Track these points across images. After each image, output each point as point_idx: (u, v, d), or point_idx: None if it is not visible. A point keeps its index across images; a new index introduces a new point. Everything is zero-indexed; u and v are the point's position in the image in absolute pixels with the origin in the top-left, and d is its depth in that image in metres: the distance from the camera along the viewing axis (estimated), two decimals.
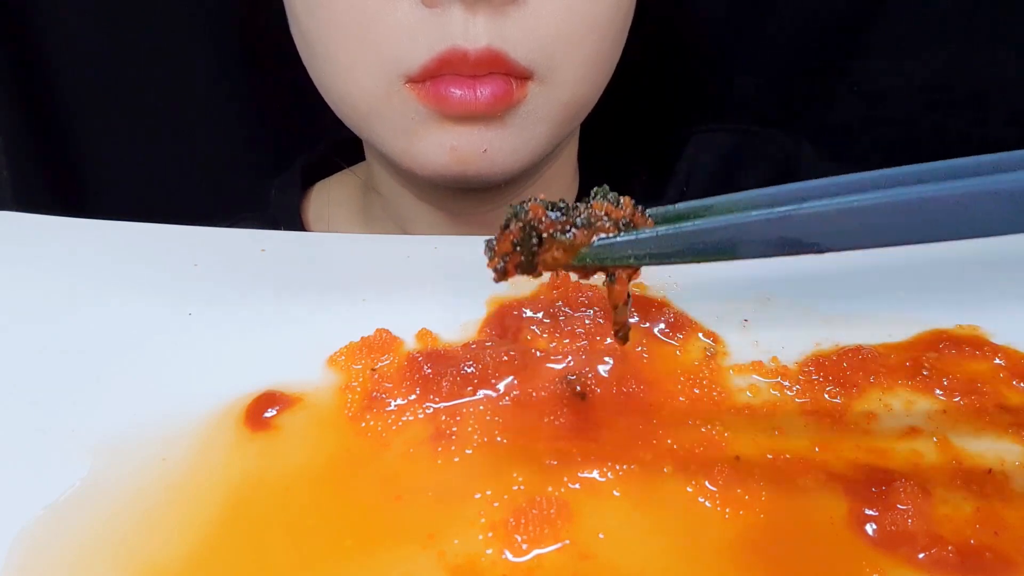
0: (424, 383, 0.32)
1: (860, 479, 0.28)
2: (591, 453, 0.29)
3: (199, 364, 0.33)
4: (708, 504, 0.28)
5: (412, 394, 0.31)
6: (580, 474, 0.29)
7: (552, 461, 0.29)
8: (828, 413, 0.31)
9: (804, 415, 0.31)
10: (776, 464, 0.29)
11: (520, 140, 0.40)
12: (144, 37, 0.58)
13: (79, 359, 0.33)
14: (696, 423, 0.30)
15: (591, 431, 0.30)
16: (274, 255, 0.38)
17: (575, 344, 0.33)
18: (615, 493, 0.28)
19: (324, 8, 0.39)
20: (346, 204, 0.54)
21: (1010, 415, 0.31)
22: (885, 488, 0.28)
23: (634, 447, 0.29)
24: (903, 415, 0.31)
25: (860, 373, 0.32)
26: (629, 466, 0.29)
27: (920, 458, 0.29)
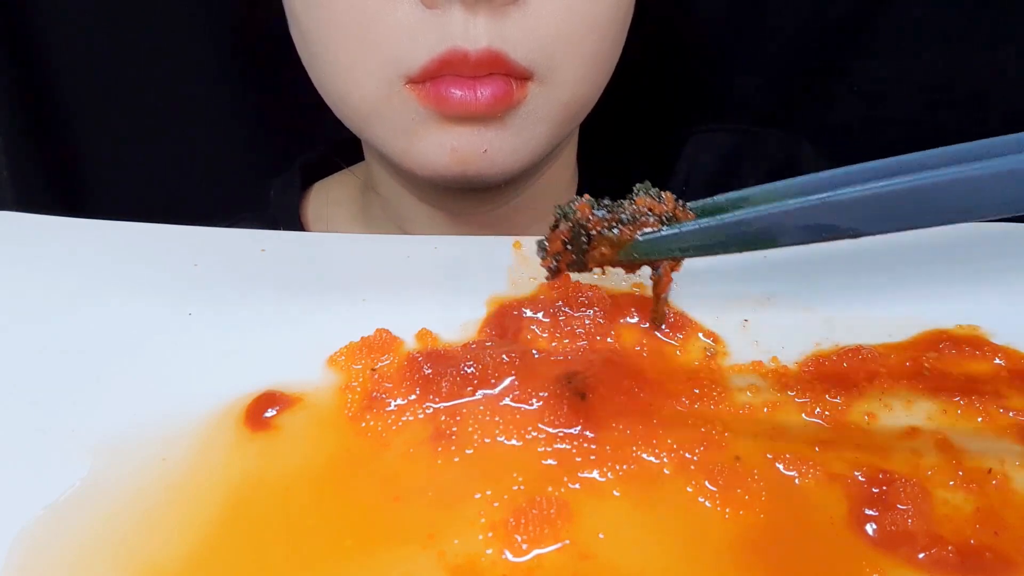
0: (424, 383, 0.32)
1: (860, 479, 0.28)
2: (591, 453, 0.29)
3: (199, 364, 0.33)
4: (708, 504, 0.28)
5: (412, 394, 0.31)
6: (580, 474, 0.29)
7: (552, 461, 0.29)
8: (828, 413, 0.31)
9: (804, 415, 0.31)
10: (776, 464, 0.29)
11: (520, 140, 0.40)
12: (144, 37, 0.58)
13: (79, 359, 0.33)
14: (696, 423, 0.30)
15: (591, 431, 0.30)
16: (274, 255, 0.38)
17: (575, 344, 0.33)
18: (615, 493, 0.28)
19: (324, 9, 0.39)
20: (346, 204, 0.54)
21: (1010, 415, 0.31)
22: (885, 488, 0.28)
23: (634, 447, 0.29)
24: (903, 415, 0.31)
25: (860, 373, 0.32)
26: (629, 466, 0.29)
27: (920, 458, 0.29)
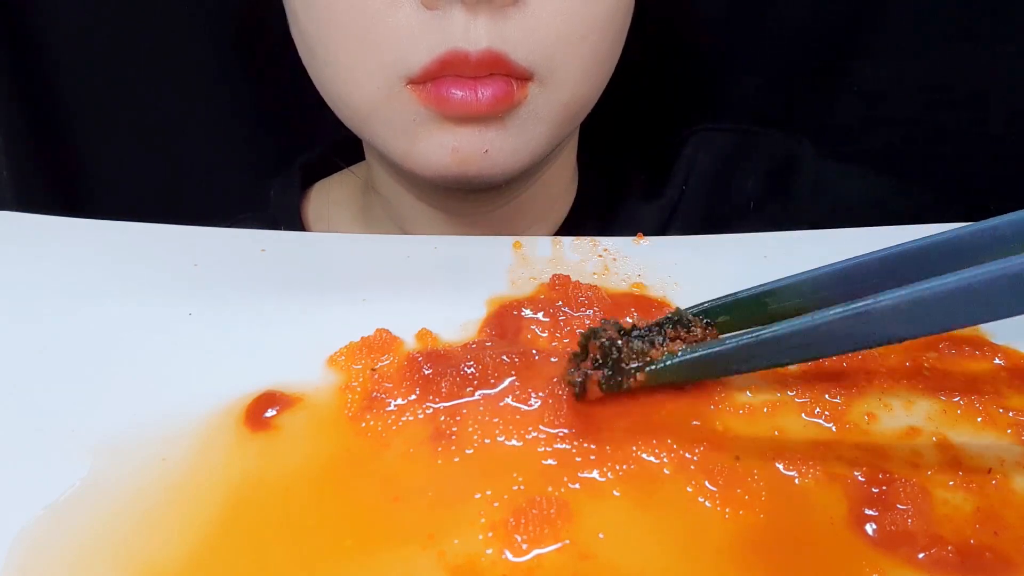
0: (424, 383, 0.32)
1: (860, 479, 0.28)
2: (591, 453, 0.29)
3: (199, 364, 0.33)
4: (708, 504, 0.28)
5: (412, 394, 0.31)
6: (580, 474, 0.29)
7: (552, 461, 0.29)
8: (828, 413, 0.31)
9: (804, 415, 0.31)
10: (776, 464, 0.29)
11: (520, 140, 0.40)
12: (144, 37, 0.58)
13: (79, 359, 0.33)
14: (696, 423, 0.30)
15: (591, 431, 0.30)
16: (274, 255, 0.38)
17: (575, 344, 0.33)
18: (615, 493, 0.28)
19: (324, 9, 0.39)
20: (346, 204, 0.54)
21: (1010, 415, 0.31)
22: (885, 488, 0.28)
23: (634, 447, 0.29)
24: (903, 415, 0.31)
25: (860, 373, 0.32)
26: (629, 466, 0.29)
27: (920, 458, 0.29)
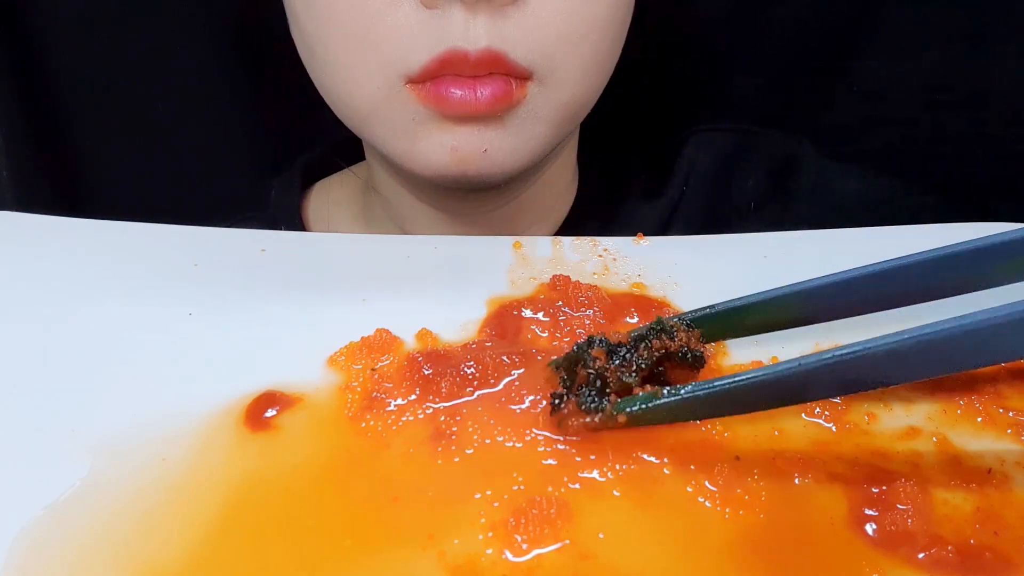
0: (424, 383, 0.32)
1: (860, 479, 0.28)
2: (591, 453, 0.29)
3: (199, 364, 0.33)
4: (708, 504, 0.28)
5: (412, 394, 0.31)
6: (580, 474, 0.29)
7: (552, 461, 0.29)
8: (828, 413, 0.31)
9: (804, 415, 0.31)
10: (776, 464, 0.29)
11: (520, 140, 0.40)
12: (144, 37, 0.58)
13: (79, 359, 0.33)
14: (696, 423, 0.30)
15: (592, 431, 0.30)
16: (274, 255, 0.38)
17: (575, 344, 0.33)
18: (615, 493, 0.28)
19: (324, 9, 0.39)
20: (346, 204, 0.54)
21: (1010, 415, 0.31)
22: (885, 488, 0.28)
23: (634, 447, 0.29)
24: (903, 415, 0.31)
25: None
26: (629, 466, 0.29)
27: (920, 458, 0.29)
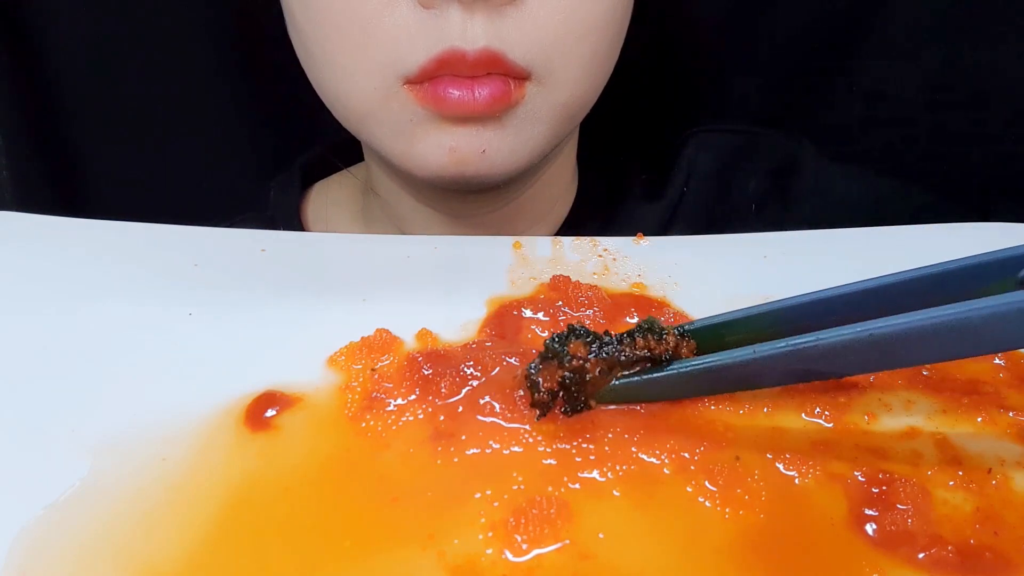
0: (424, 383, 0.32)
1: (860, 479, 0.28)
2: (591, 453, 0.29)
3: (199, 364, 0.33)
4: (708, 504, 0.28)
5: (412, 394, 0.31)
6: (580, 474, 0.29)
7: (552, 461, 0.29)
8: (828, 413, 0.31)
9: (804, 415, 0.31)
10: (776, 464, 0.29)
11: (518, 141, 0.40)
12: (144, 37, 0.58)
13: (79, 359, 0.33)
14: (696, 423, 0.30)
15: (591, 431, 0.30)
16: (274, 255, 0.38)
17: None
18: (615, 493, 0.28)
19: (321, 10, 0.39)
20: (345, 204, 0.54)
21: (1010, 415, 0.31)
22: (885, 488, 0.28)
23: (634, 447, 0.29)
24: (903, 415, 0.31)
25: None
26: (629, 466, 0.29)
27: (920, 458, 0.29)
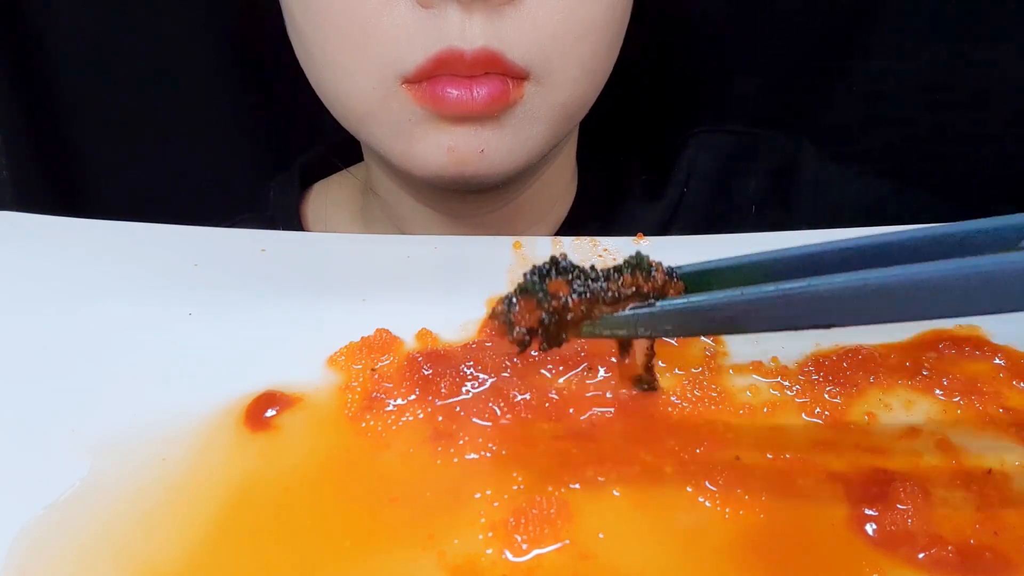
0: (424, 383, 0.32)
1: (860, 479, 0.28)
2: (591, 453, 0.29)
3: (199, 364, 0.33)
4: (708, 504, 0.28)
5: (412, 394, 0.31)
6: (580, 474, 0.29)
7: (552, 461, 0.29)
8: (828, 413, 0.31)
9: (804, 415, 0.31)
10: (776, 464, 0.29)
11: (517, 140, 0.40)
12: (144, 37, 0.58)
13: (79, 359, 0.33)
14: (696, 423, 0.30)
15: (591, 431, 0.30)
16: (274, 255, 0.38)
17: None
18: (615, 493, 0.28)
19: (320, 10, 0.39)
20: (345, 204, 0.54)
21: (1010, 415, 0.31)
22: (885, 488, 0.28)
23: (634, 447, 0.29)
24: (903, 415, 0.31)
25: (860, 373, 0.32)
26: (629, 466, 0.29)
27: (920, 458, 0.29)
